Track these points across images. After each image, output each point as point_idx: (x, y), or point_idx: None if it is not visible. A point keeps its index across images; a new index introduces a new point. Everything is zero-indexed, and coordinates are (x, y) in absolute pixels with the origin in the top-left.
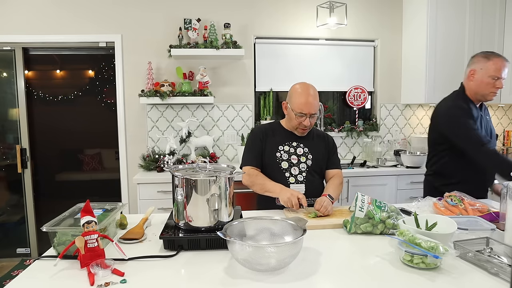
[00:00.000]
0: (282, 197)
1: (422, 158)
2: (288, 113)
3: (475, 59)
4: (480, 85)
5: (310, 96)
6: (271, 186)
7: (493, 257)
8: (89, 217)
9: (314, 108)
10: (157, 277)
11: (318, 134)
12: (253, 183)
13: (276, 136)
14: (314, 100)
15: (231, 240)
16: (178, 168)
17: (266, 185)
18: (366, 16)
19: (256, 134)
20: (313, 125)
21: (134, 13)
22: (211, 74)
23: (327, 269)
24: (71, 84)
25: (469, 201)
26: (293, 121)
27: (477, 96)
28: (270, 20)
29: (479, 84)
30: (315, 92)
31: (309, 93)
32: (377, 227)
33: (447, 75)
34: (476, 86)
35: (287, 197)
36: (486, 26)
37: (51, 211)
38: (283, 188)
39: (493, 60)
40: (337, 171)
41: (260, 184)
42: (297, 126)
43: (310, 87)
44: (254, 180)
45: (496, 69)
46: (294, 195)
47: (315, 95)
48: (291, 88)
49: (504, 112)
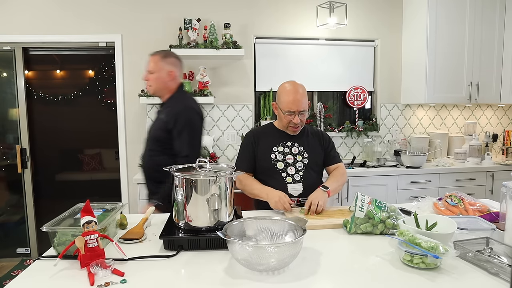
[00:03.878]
0: (270, 203)
1: (422, 158)
2: (278, 113)
3: (174, 60)
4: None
5: (298, 93)
6: (258, 191)
7: (493, 257)
8: (89, 217)
9: (302, 105)
10: (157, 277)
11: (312, 131)
12: (243, 187)
13: (269, 138)
14: (302, 97)
15: (231, 240)
16: (178, 168)
17: (254, 190)
18: (366, 16)
19: (247, 139)
20: (304, 123)
21: (134, 13)
22: (211, 74)
23: (327, 269)
24: (71, 84)
25: (469, 201)
26: (283, 120)
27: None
28: (270, 20)
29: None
30: (303, 90)
31: (297, 90)
32: (377, 227)
33: (447, 75)
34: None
35: (275, 201)
36: (486, 26)
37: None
38: (269, 192)
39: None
40: (337, 165)
41: (249, 188)
42: (288, 125)
43: (297, 85)
44: (244, 185)
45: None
46: (282, 198)
47: (303, 93)
48: (278, 87)
49: (504, 112)
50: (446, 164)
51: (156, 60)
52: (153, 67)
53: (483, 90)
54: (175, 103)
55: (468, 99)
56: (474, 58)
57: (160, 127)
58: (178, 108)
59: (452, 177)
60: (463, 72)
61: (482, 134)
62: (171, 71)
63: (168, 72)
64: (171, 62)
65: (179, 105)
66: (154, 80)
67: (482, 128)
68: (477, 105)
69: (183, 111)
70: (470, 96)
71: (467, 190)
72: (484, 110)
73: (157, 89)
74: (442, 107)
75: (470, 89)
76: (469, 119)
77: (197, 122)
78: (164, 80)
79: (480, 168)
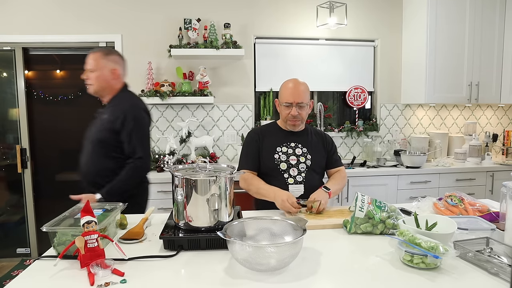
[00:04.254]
0: (277, 202)
1: (422, 158)
2: (279, 109)
3: (117, 57)
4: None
5: (297, 87)
6: (265, 191)
7: (493, 257)
8: (89, 217)
9: (300, 96)
10: (157, 277)
11: (315, 132)
12: (248, 187)
13: (273, 136)
14: (300, 91)
15: (231, 240)
16: (178, 168)
17: (260, 190)
18: (366, 16)
19: (252, 137)
20: (304, 118)
21: (134, 13)
22: (211, 74)
23: (327, 269)
24: (71, 84)
25: (469, 201)
26: (282, 113)
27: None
28: (270, 20)
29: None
30: (305, 86)
31: (297, 84)
32: (377, 227)
33: (447, 75)
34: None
35: (282, 201)
36: (486, 26)
37: (51, 211)
38: (276, 193)
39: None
40: (339, 168)
41: (255, 188)
42: (287, 118)
43: (298, 81)
44: (249, 184)
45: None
46: (290, 198)
47: (303, 88)
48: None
49: (504, 112)
50: (446, 164)
51: (97, 58)
52: (94, 65)
53: (483, 90)
54: (120, 101)
55: (468, 99)
56: (474, 58)
57: (104, 127)
58: (124, 106)
59: (452, 177)
60: (463, 72)
61: (482, 134)
62: (114, 69)
63: (111, 71)
64: (114, 59)
65: (124, 103)
66: (95, 79)
67: (482, 128)
68: (477, 105)
69: (130, 109)
70: (470, 96)
71: (467, 190)
72: (484, 110)
73: (98, 88)
74: (442, 107)
75: (470, 89)
76: (469, 119)
77: (146, 120)
78: (106, 79)
79: (480, 168)
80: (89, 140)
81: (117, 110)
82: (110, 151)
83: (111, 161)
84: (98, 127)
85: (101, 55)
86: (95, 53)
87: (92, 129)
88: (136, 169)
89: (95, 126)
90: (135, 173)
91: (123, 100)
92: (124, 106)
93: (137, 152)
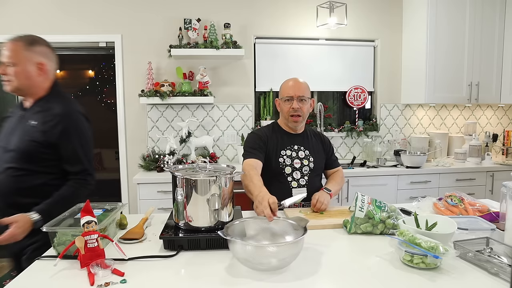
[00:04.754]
0: (256, 205)
1: (422, 158)
2: (280, 107)
3: (45, 48)
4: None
5: (297, 81)
6: (252, 187)
7: (493, 257)
8: (89, 217)
9: (301, 90)
10: (157, 277)
11: (314, 133)
12: (243, 178)
13: (276, 139)
14: (301, 85)
15: (232, 239)
16: (178, 168)
17: (249, 186)
18: (366, 16)
19: (258, 133)
20: (305, 115)
21: (134, 13)
22: (211, 74)
23: (328, 269)
24: (71, 84)
25: (469, 201)
26: (284, 110)
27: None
28: (270, 20)
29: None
30: (306, 84)
31: (296, 79)
32: (377, 227)
33: (447, 75)
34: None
35: (257, 203)
36: (486, 26)
37: None
38: (259, 193)
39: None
40: (337, 168)
41: (247, 180)
42: (288, 114)
43: (297, 78)
44: (245, 175)
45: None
46: (265, 202)
47: (304, 84)
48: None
49: (504, 112)
50: (446, 164)
51: (18, 49)
52: (14, 58)
53: (483, 90)
54: (51, 105)
55: (468, 99)
56: (474, 58)
57: (31, 137)
58: (57, 111)
59: (452, 177)
60: (463, 72)
61: (482, 134)
62: (41, 63)
63: (37, 65)
64: (41, 51)
65: (57, 107)
66: (16, 75)
67: (482, 128)
68: (477, 105)
69: (67, 116)
70: (470, 96)
71: (467, 190)
72: (484, 110)
73: (21, 86)
74: (442, 107)
75: (470, 89)
76: (469, 119)
77: (86, 126)
78: (31, 75)
79: (480, 168)
80: (10, 150)
81: (49, 117)
82: (37, 166)
83: (37, 176)
84: (22, 137)
85: (23, 45)
86: (15, 42)
87: (9, 136)
88: (86, 187)
89: (17, 134)
90: (85, 190)
91: (54, 103)
92: (57, 111)
93: (85, 167)
